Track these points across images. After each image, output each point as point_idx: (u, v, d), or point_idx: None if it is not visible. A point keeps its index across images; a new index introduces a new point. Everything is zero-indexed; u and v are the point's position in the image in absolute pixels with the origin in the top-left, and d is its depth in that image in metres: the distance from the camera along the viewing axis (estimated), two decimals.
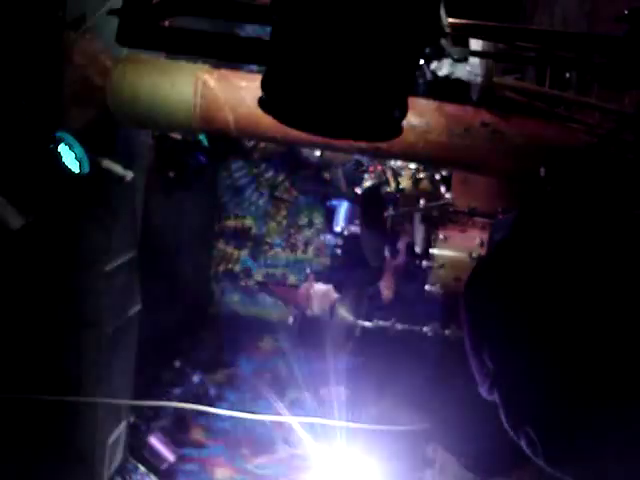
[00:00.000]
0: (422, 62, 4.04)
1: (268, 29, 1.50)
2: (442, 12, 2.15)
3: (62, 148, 3.64)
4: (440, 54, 3.09)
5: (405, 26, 1.42)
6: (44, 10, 3.85)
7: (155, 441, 6.09)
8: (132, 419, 5.94)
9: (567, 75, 4.25)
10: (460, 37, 2.86)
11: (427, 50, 2.06)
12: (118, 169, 4.16)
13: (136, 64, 3.86)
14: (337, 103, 1.40)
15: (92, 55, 3.85)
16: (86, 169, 3.79)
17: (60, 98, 3.81)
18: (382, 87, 1.42)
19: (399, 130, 1.55)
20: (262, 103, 1.52)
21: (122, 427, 5.57)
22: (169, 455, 6.14)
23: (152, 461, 6.04)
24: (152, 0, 1.66)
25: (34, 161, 3.56)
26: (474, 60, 3.65)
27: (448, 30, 2.40)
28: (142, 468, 5.96)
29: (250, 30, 6.60)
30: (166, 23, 1.88)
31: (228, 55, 1.78)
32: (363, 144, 3.75)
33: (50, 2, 3.84)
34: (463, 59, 3.18)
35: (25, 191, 3.33)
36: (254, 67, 6.50)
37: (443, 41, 2.48)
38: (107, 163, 4.07)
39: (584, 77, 4.04)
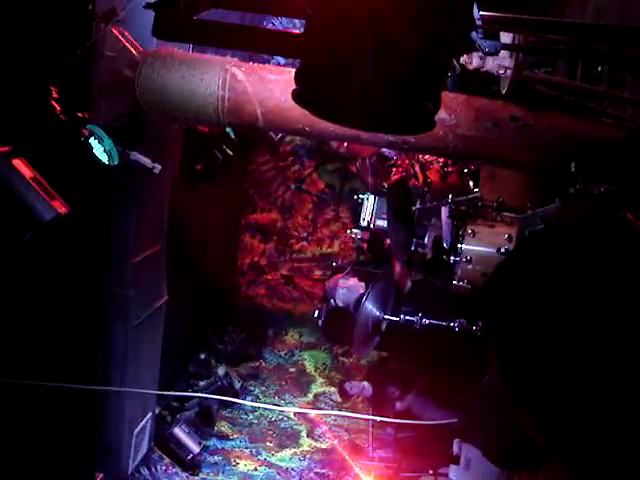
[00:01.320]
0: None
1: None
2: (474, 5, 2.12)
3: (92, 141, 3.67)
4: (470, 47, 3.06)
5: (439, 21, 1.41)
6: (75, 3, 3.88)
7: (180, 432, 6.13)
8: (158, 410, 5.99)
9: (599, 68, 4.19)
10: (491, 30, 2.83)
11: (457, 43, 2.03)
12: (146, 161, 4.18)
13: (165, 57, 3.87)
14: (371, 96, 1.39)
15: (121, 48, 3.86)
16: (115, 161, 3.81)
17: (90, 91, 3.84)
18: (416, 80, 1.41)
19: (432, 123, 1.54)
20: (295, 95, 1.51)
21: (148, 418, 5.62)
22: (194, 446, 6.18)
23: (177, 452, 6.08)
24: None
25: (65, 153, 3.59)
26: (504, 53, 3.61)
27: (479, 23, 2.38)
28: (167, 458, 6.01)
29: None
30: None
31: (260, 48, 1.78)
32: (391, 137, 3.73)
33: None
34: (493, 52, 3.14)
35: (56, 183, 3.36)
36: (282, 60, 6.52)
37: (474, 34, 2.45)
38: (136, 155, 4.09)
39: (616, 70, 3.98)
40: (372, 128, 1.52)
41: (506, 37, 3.14)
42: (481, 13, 2.43)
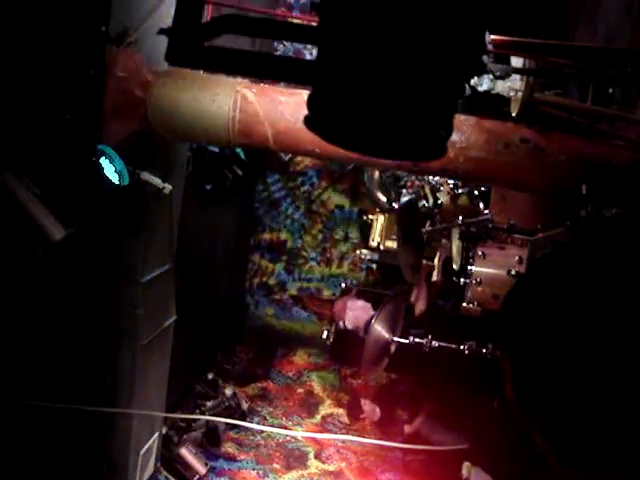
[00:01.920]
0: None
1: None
2: (485, 30, 2.13)
3: (103, 160, 3.69)
4: (481, 70, 3.06)
5: (451, 47, 1.41)
6: (88, 25, 3.91)
7: (186, 453, 6.10)
8: (164, 430, 5.96)
9: (610, 90, 4.19)
10: (501, 54, 2.83)
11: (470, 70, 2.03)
12: (156, 181, 4.20)
13: (176, 78, 3.90)
14: (383, 123, 1.38)
15: (133, 69, 3.89)
16: (125, 181, 3.83)
17: (102, 111, 3.86)
18: (429, 107, 1.41)
19: (444, 149, 1.53)
20: (308, 121, 1.51)
21: (154, 438, 5.59)
22: (200, 467, 6.14)
23: (183, 472, 6.04)
24: (200, 20, 1.68)
25: (76, 173, 3.61)
26: (515, 76, 3.62)
27: (490, 47, 2.38)
28: (173, 479, 5.97)
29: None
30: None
31: (271, 74, 1.78)
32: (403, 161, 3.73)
33: (94, 17, 3.91)
34: (504, 76, 3.15)
35: (67, 202, 3.37)
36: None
37: (485, 57, 2.45)
38: (146, 175, 4.11)
39: (628, 92, 3.98)
40: (383, 155, 1.51)
41: (517, 60, 3.14)
42: (492, 37, 2.44)
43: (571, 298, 1.81)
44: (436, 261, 5.26)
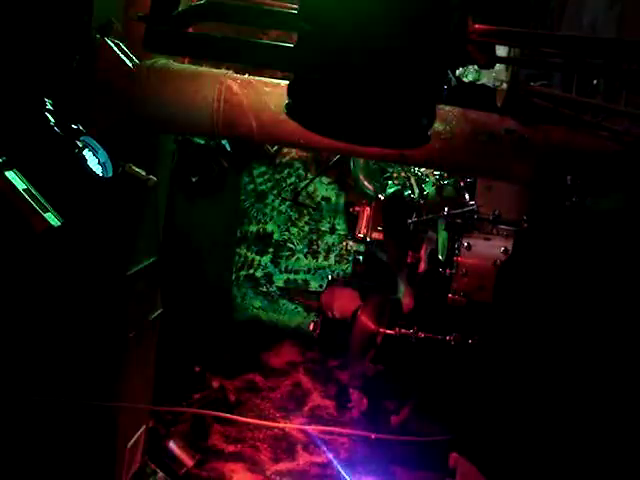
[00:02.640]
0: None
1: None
2: (468, 18, 2.12)
3: (86, 152, 3.66)
4: (465, 60, 3.05)
5: (433, 35, 1.40)
6: (70, 15, 3.87)
7: (174, 446, 6.08)
8: (151, 423, 5.94)
9: (595, 81, 4.19)
10: (486, 43, 2.82)
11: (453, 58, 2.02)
12: (141, 174, 4.17)
13: (160, 69, 3.88)
14: (365, 110, 1.37)
15: (117, 60, 3.86)
16: (109, 173, 3.80)
17: (84, 102, 3.83)
18: (410, 95, 1.40)
19: (427, 138, 1.53)
20: (289, 109, 1.50)
21: (141, 431, 5.57)
22: (188, 460, 6.12)
23: (171, 466, 6.02)
24: (178, 7, 1.66)
25: (59, 165, 3.58)
26: (499, 66, 3.62)
27: (474, 36, 2.37)
28: (160, 472, 5.95)
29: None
30: (190, 29, 1.88)
31: (252, 61, 1.76)
32: (387, 150, 3.73)
33: (76, 7, 3.87)
34: (489, 66, 3.14)
35: (50, 195, 3.35)
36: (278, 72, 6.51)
37: (469, 47, 2.44)
38: (130, 167, 4.08)
39: (612, 83, 3.99)
40: (365, 142, 1.50)
41: (502, 50, 3.14)
42: (476, 26, 2.43)
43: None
44: (422, 252, 5.27)
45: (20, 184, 3.20)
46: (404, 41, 1.34)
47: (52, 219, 3.28)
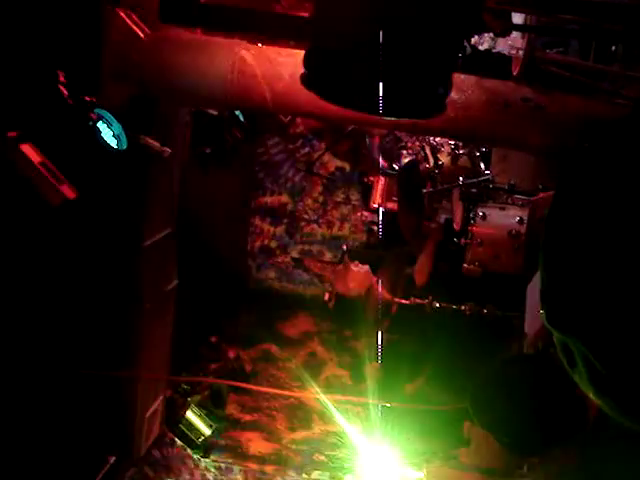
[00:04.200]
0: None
1: None
2: None
3: (100, 125, 3.66)
4: (481, 28, 3.02)
5: (449, 5, 1.38)
6: None
7: (191, 415, 6.15)
8: (169, 393, 6.01)
9: (613, 48, 4.13)
10: (502, 10, 2.79)
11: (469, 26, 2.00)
12: (156, 145, 4.17)
13: (173, 40, 3.85)
14: (381, 80, 1.36)
15: (129, 31, 3.84)
16: (124, 145, 3.80)
17: (98, 74, 3.82)
18: (426, 64, 1.38)
19: (442, 107, 1.51)
20: (304, 79, 1.49)
21: (159, 401, 5.65)
22: (205, 429, 6.20)
23: (188, 435, 6.10)
24: None
25: (73, 138, 3.58)
26: (515, 34, 3.57)
27: (490, 3, 2.34)
28: (178, 441, 6.04)
29: None
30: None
31: (267, 31, 1.75)
32: (401, 120, 3.70)
33: None
34: (505, 33, 3.10)
35: (65, 167, 3.36)
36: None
37: (485, 15, 2.42)
38: (145, 139, 4.08)
39: (630, 50, 3.93)
40: (380, 113, 1.49)
41: (517, 17, 3.10)
42: None
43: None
44: (437, 222, 5.26)
45: (36, 157, 3.21)
46: (420, 9, 1.32)
47: (68, 192, 3.29)
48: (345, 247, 7.04)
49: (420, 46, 1.36)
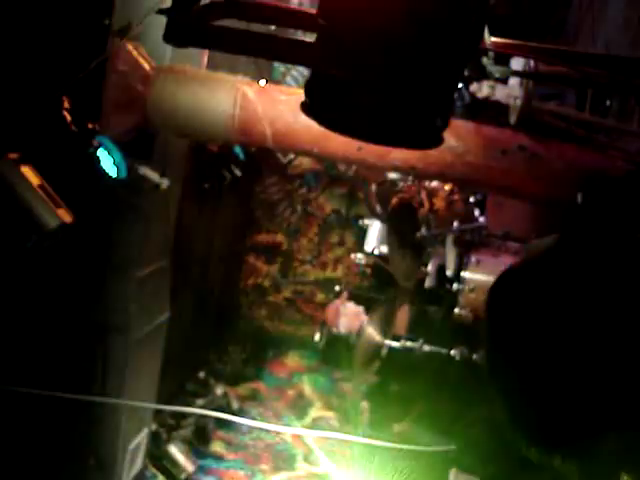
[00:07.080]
0: (462, 84, 4.05)
1: None
2: (485, 30, 2.14)
3: (101, 152, 3.69)
4: (480, 74, 3.08)
5: (450, 38, 1.42)
6: (91, 17, 3.93)
7: (175, 450, 6.08)
8: (153, 427, 5.94)
9: (608, 102, 4.22)
10: (502, 57, 2.85)
11: (468, 67, 2.05)
12: (154, 176, 4.20)
13: (177, 73, 3.91)
14: (380, 108, 1.39)
15: (135, 63, 3.90)
16: (123, 174, 3.82)
17: (101, 103, 3.87)
18: (425, 94, 1.42)
19: (439, 139, 1.55)
20: (304, 107, 1.52)
21: (143, 434, 5.58)
22: (188, 465, 6.12)
23: (171, 470, 6.03)
24: (199, 2, 1.69)
25: (73, 164, 3.61)
26: (513, 83, 3.64)
27: (490, 47, 2.40)
28: (161, 476, 5.96)
29: None
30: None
31: (273, 55, 1.79)
32: (398, 162, 3.75)
33: (98, 10, 3.93)
34: (504, 79, 3.16)
35: (63, 192, 3.37)
36: (292, 82, 6.57)
37: (485, 59, 2.47)
38: (144, 170, 4.11)
39: (625, 104, 4.00)
40: (380, 140, 1.52)
41: (516, 65, 3.16)
42: (492, 39, 2.46)
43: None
44: (430, 267, 5.27)
45: (35, 179, 3.23)
46: (422, 40, 1.36)
47: (65, 216, 3.31)
48: (338, 289, 7.04)
49: (421, 75, 1.39)
